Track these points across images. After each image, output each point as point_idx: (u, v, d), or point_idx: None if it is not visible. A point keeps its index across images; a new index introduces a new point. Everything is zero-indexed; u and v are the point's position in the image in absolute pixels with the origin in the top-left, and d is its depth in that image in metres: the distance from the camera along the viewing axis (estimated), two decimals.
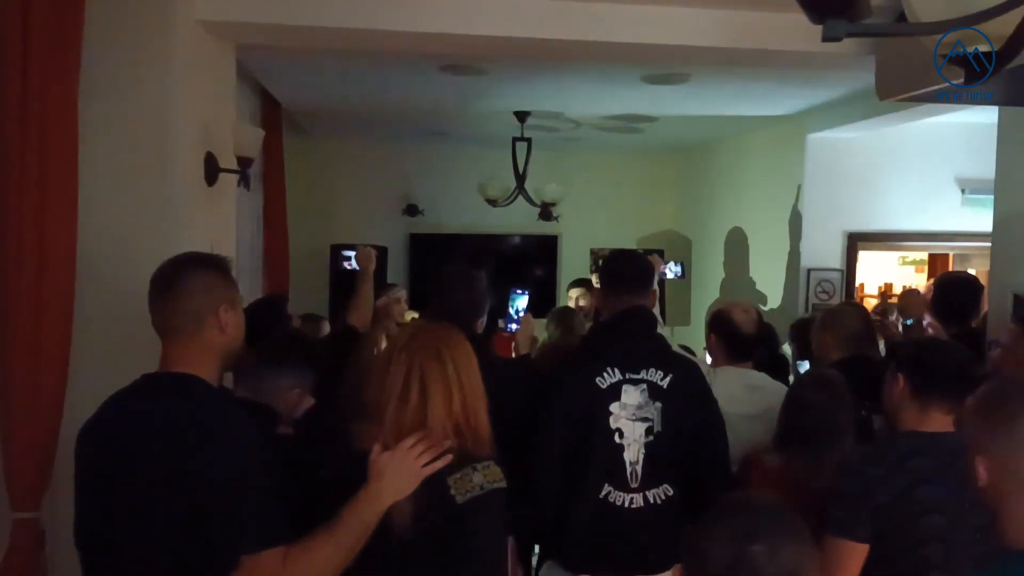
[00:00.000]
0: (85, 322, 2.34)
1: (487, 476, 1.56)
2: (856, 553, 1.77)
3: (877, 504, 1.77)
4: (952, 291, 3.29)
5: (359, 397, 1.61)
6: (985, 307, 3.48)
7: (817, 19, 0.98)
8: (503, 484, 1.57)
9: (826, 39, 0.97)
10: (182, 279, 1.59)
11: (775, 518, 1.14)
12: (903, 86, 2.88)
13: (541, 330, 3.94)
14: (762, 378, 2.68)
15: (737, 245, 6.11)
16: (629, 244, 6.74)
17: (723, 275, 6.35)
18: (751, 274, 5.90)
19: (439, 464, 1.53)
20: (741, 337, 2.71)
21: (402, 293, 4.10)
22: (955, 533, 1.77)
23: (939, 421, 1.88)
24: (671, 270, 5.54)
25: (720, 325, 2.78)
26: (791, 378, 3.55)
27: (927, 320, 2.81)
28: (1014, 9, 0.94)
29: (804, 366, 3.56)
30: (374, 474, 1.52)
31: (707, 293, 6.45)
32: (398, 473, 1.52)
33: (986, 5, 0.95)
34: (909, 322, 2.75)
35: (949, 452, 1.79)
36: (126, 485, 1.49)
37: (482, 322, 2.38)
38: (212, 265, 1.64)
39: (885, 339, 3.33)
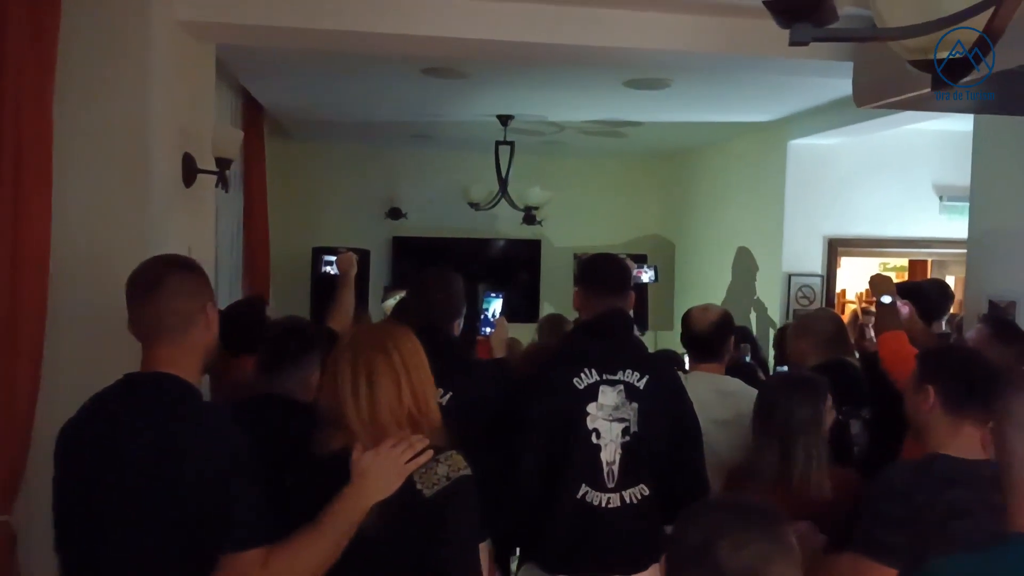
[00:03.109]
0: (59, 323, 2.32)
1: (451, 466, 1.57)
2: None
3: (915, 531, 1.68)
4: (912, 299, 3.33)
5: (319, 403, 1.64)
6: (962, 311, 3.53)
7: (784, 24, 0.99)
8: (468, 471, 1.59)
9: (793, 43, 0.98)
10: (169, 280, 1.58)
11: (748, 517, 1.16)
12: (879, 93, 2.91)
13: (518, 334, 3.96)
14: (735, 383, 2.68)
15: (719, 250, 6.15)
16: (613, 248, 6.74)
17: (705, 280, 6.39)
18: (733, 279, 5.93)
19: (422, 460, 1.54)
20: (693, 334, 2.73)
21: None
22: None
23: (970, 439, 1.77)
24: (646, 273, 5.58)
25: (682, 325, 2.80)
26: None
27: (900, 302, 2.82)
28: (979, 14, 0.95)
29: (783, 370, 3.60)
30: (358, 473, 1.53)
31: (690, 298, 6.48)
32: (382, 472, 1.53)
33: (952, 10, 0.96)
34: (885, 299, 2.73)
35: (986, 484, 1.68)
36: (107, 486, 1.48)
37: (459, 324, 2.39)
38: (192, 266, 1.67)
39: (860, 351, 3.36)
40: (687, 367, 2.99)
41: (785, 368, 3.61)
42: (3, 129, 2.09)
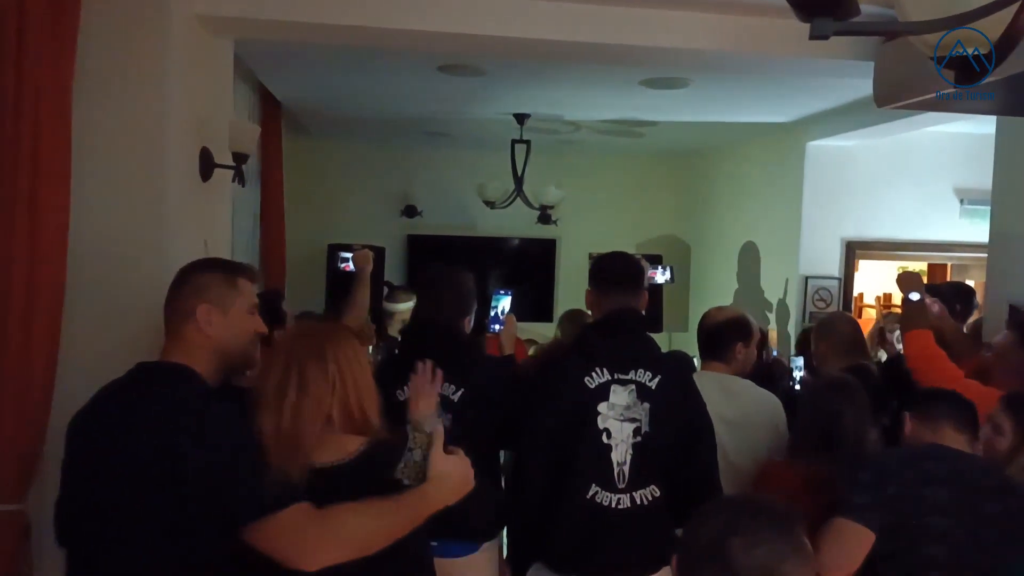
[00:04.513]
0: (76, 315, 2.33)
1: (419, 444, 1.57)
2: (864, 539, 1.83)
3: (886, 495, 1.84)
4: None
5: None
6: (979, 314, 3.49)
7: (805, 17, 0.98)
8: (424, 432, 1.60)
9: (813, 37, 0.96)
10: (184, 278, 1.68)
11: (763, 517, 1.15)
12: (900, 93, 2.88)
13: (534, 333, 3.97)
14: (743, 384, 2.64)
15: (735, 251, 6.11)
16: (628, 249, 6.63)
17: (721, 281, 6.35)
18: (749, 281, 5.89)
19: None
20: (705, 332, 2.71)
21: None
22: (956, 536, 1.82)
23: (952, 438, 1.97)
24: (661, 275, 5.54)
25: (699, 323, 2.78)
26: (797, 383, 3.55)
27: (929, 299, 2.78)
28: (1003, 9, 0.93)
29: (798, 361, 3.57)
30: (437, 475, 1.52)
31: (705, 299, 6.44)
32: (458, 477, 1.54)
33: (975, 5, 0.94)
34: (913, 296, 2.70)
35: (961, 464, 1.89)
36: (116, 474, 1.49)
37: (470, 321, 2.38)
38: (217, 268, 1.71)
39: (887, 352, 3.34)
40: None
41: (800, 358, 3.59)
42: (22, 122, 2.10)
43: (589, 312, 4.02)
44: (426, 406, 1.82)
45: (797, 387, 3.46)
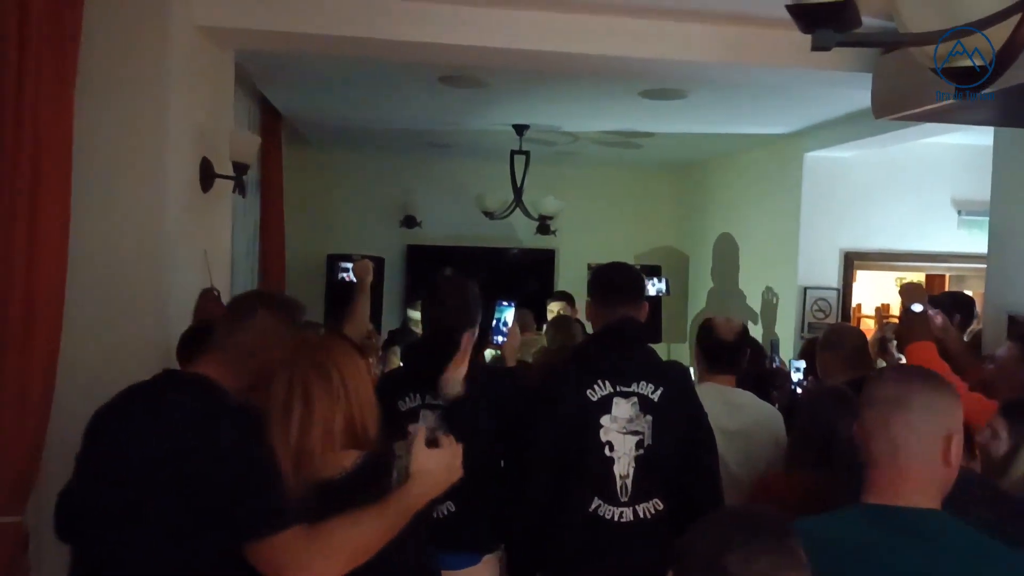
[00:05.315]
0: (75, 325, 2.33)
1: (400, 453, 1.59)
2: None
3: None
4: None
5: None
6: (978, 325, 3.50)
7: (807, 28, 0.98)
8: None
9: (815, 48, 0.97)
10: (253, 311, 1.69)
11: (759, 529, 1.14)
12: (899, 104, 2.89)
13: (527, 344, 3.98)
14: (746, 396, 2.63)
15: (734, 262, 6.11)
16: (626, 259, 6.67)
17: (720, 292, 6.35)
18: (747, 291, 5.90)
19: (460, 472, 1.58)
20: (718, 344, 2.67)
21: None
22: None
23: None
24: (654, 286, 5.55)
25: (702, 334, 2.75)
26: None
27: (932, 311, 2.77)
28: (1003, 21, 0.94)
29: (799, 363, 3.56)
30: (417, 471, 1.53)
31: (703, 310, 6.45)
32: (440, 471, 1.55)
33: (975, 16, 0.95)
34: (916, 307, 2.69)
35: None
36: (125, 476, 1.50)
37: (474, 332, 2.37)
38: (289, 313, 1.73)
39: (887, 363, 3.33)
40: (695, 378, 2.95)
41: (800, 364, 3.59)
42: (23, 132, 2.10)
43: (576, 318, 4.04)
44: (453, 373, 1.97)
45: (799, 391, 3.45)
